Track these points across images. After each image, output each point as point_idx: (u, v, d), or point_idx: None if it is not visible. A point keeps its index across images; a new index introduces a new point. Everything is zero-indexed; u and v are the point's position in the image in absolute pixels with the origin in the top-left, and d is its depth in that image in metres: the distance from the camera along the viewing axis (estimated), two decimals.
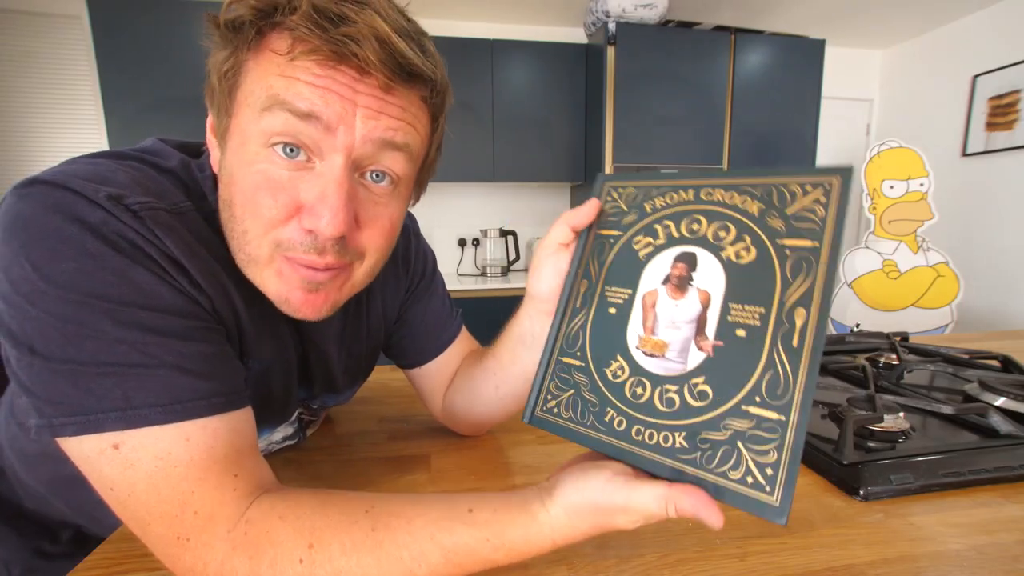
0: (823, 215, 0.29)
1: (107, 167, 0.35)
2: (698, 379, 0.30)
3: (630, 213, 0.37)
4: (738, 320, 0.29)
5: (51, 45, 2.37)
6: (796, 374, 0.27)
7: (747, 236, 0.31)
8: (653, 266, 0.34)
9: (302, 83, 0.33)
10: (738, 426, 0.28)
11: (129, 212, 0.32)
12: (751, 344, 0.28)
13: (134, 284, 0.32)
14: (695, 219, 0.33)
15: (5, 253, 0.31)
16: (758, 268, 0.30)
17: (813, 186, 0.29)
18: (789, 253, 0.29)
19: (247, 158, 0.35)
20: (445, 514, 0.33)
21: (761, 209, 0.31)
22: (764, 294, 0.29)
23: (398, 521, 0.32)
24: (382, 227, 0.39)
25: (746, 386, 0.28)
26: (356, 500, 0.34)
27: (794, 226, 0.29)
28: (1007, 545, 0.40)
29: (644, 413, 0.31)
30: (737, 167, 2.62)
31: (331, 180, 0.34)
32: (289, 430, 0.57)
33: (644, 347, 0.32)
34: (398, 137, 0.36)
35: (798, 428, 0.26)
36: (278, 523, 0.32)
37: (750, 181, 0.32)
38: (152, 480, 0.31)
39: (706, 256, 0.32)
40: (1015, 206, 2.68)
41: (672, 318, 0.32)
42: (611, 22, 2.40)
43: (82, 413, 0.30)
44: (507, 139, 2.65)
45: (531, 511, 0.32)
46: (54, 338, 0.30)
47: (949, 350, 0.86)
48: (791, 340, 0.27)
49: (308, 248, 0.36)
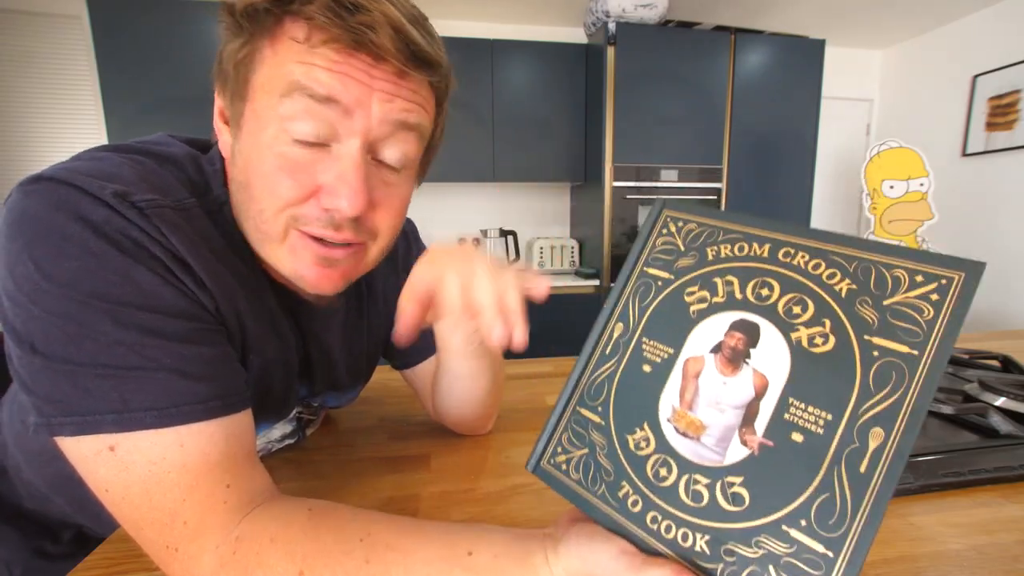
0: (932, 317, 0.23)
1: (113, 162, 0.35)
2: (735, 478, 0.25)
3: (687, 255, 0.31)
4: (797, 421, 0.24)
5: (51, 45, 2.37)
6: (857, 507, 0.22)
7: (827, 320, 0.25)
8: (704, 327, 0.28)
9: (321, 69, 0.34)
10: (774, 548, 0.23)
11: (135, 209, 0.32)
12: (808, 455, 0.24)
13: (136, 284, 0.32)
14: (766, 282, 0.28)
15: (10, 250, 0.31)
16: (834, 363, 0.24)
17: (927, 277, 0.24)
18: (877, 355, 0.24)
19: (266, 141, 0.36)
20: (443, 554, 0.31)
21: (851, 291, 0.25)
22: (836, 398, 0.24)
23: (393, 555, 0.31)
24: (394, 207, 0.41)
25: (793, 504, 0.23)
26: (352, 524, 0.33)
27: (890, 323, 0.24)
28: (1007, 545, 0.40)
29: (665, 500, 0.26)
30: (737, 167, 2.62)
31: (349, 162, 0.36)
32: (288, 428, 0.57)
33: (678, 423, 0.28)
34: (411, 118, 0.38)
35: (847, 571, 0.21)
36: (269, 545, 0.31)
37: (845, 251, 0.26)
38: (145, 485, 0.31)
39: (771, 332, 0.26)
40: (1015, 206, 2.68)
41: (717, 397, 0.27)
42: (611, 22, 2.40)
43: (79, 414, 0.30)
44: (507, 139, 2.65)
45: (533, 565, 0.30)
46: (55, 337, 0.30)
47: None
48: (858, 464, 0.22)
49: (325, 224, 0.37)
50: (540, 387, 0.77)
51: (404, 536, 0.32)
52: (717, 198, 2.63)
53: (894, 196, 2.28)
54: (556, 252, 2.83)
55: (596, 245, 2.64)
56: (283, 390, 0.48)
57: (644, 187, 2.53)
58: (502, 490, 0.50)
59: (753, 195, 2.68)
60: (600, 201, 2.54)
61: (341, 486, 0.51)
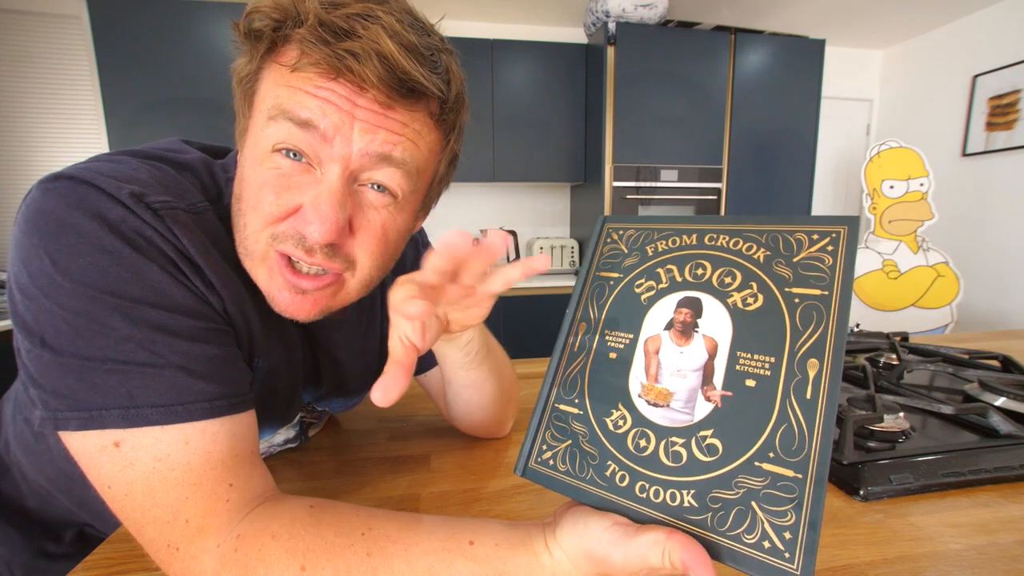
0: (831, 263, 0.28)
1: (130, 165, 0.36)
2: (706, 432, 0.28)
3: (631, 255, 0.35)
4: (747, 370, 0.28)
5: (51, 45, 2.37)
6: (812, 429, 0.25)
7: (754, 283, 0.30)
8: (656, 311, 0.32)
9: (303, 93, 0.34)
10: (752, 484, 0.26)
11: (150, 210, 0.33)
12: (762, 395, 0.27)
13: (147, 282, 0.32)
14: (699, 264, 0.32)
15: (27, 245, 0.31)
16: (766, 316, 0.29)
17: (820, 235, 0.29)
18: (798, 301, 0.28)
19: (258, 158, 0.36)
20: (445, 544, 0.32)
21: (767, 256, 0.30)
22: (774, 343, 0.28)
23: (395, 547, 0.31)
24: (375, 234, 0.39)
25: (758, 441, 0.26)
26: (353, 519, 0.33)
27: (802, 274, 0.29)
28: (1007, 545, 0.40)
29: (648, 467, 0.29)
30: (737, 167, 2.62)
31: (325, 189, 0.35)
32: (291, 433, 0.57)
33: (647, 396, 0.30)
34: (396, 152, 0.36)
35: (816, 487, 0.24)
36: (270, 542, 0.31)
37: (755, 228, 0.31)
38: (149, 482, 0.31)
39: (712, 302, 0.30)
40: (1015, 206, 2.68)
41: (677, 366, 0.30)
42: (611, 22, 2.40)
43: (86, 408, 0.31)
44: (507, 139, 2.65)
45: (534, 550, 0.31)
46: (65, 332, 0.31)
47: (949, 350, 0.86)
48: (804, 392, 0.26)
49: (296, 244, 0.36)
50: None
51: (405, 529, 0.33)
52: (717, 198, 2.63)
53: (894, 196, 2.29)
54: (556, 252, 2.83)
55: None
56: (288, 396, 0.49)
57: (644, 187, 2.53)
58: (502, 490, 0.50)
59: (753, 195, 2.68)
60: (600, 201, 2.55)
61: (341, 486, 0.51)
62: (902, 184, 2.28)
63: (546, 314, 2.51)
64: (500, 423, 0.59)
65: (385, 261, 0.41)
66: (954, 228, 2.90)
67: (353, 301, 0.43)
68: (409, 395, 0.74)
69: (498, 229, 0.28)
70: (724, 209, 2.65)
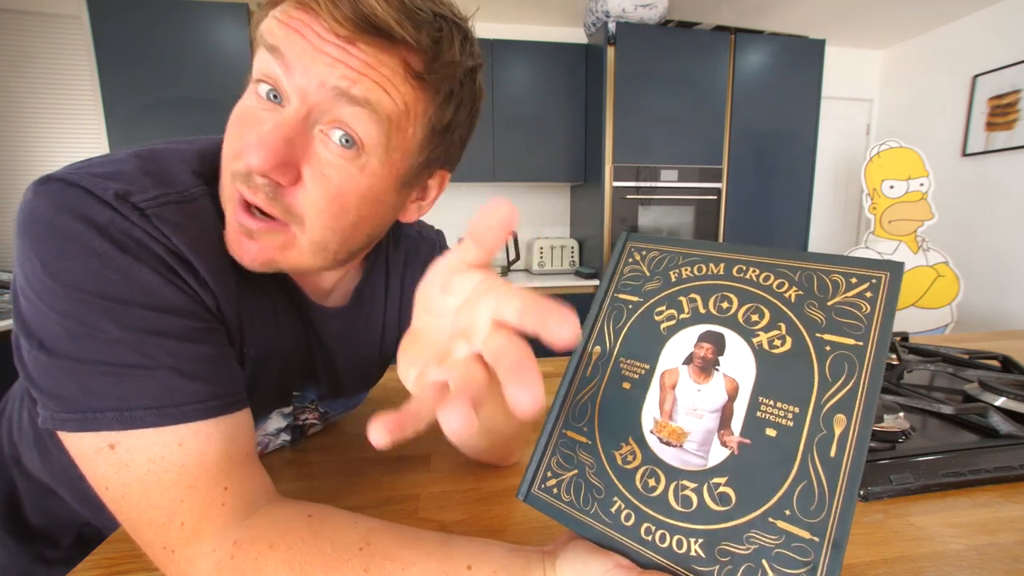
0: (869, 312, 0.26)
1: (120, 160, 0.36)
2: (720, 479, 0.26)
3: (652, 279, 0.33)
4: (768, 418, 0.26)
5: (51, 45, 2.37)
6: (833, 489, 0.24)
7: (782, 324, 0.28)
8: (675, 342, 0.30)
9: (276, 22, 0.34)
10: (764, 541, 0.24)
11: (137, 210, 0.33)
12: (782, 447, 0.25)
13: (137, 283, 0.32)
14: (725, 296, 0.30)
15: (21, 248, 0.32)
16: (793, 361, 0.27)
17: (860, 279, 0.27)
18: (829, 350, 0.26)
19: (243, 97, 0.37)
20: (442, 567, 0.31)
21: (799, 296, 0.28)
22: (800, 392, 0.26)
23: (392, 566, 0.31)
24: (327, 192, 0.36)
25: (775, 496, 0.25)
26: (352, 532, 0.33)
27: (836, 320, 0.27)
28: (1007, 545, 0.40)
29: (656, 509, 0.27)
30: (737, 167, 2.62)
31: (277, 118, 0.34)
32: (283, 422, 0.56)
33: (660, 433, 0.29)
34: (356, 90, 0.33)
35: (834, 553, 0.23)
36: (267, 551, 0.31)
37: (788, 263, 0.29)
38: (144, 484, 0.31)
39: (735, 339, 0.29)
40: (1015, 206, 2.68)
41: (694, 404, 0.28)
42: (611, 22, 2.40)
43: (82, 411, 0.31)
44: (507, 139, 2.65)
45: None
46: (59, 334, 0.31)
47: (949, 350, 0.86)
48: (828, 450, 0.24)
49: (245, 180, 0.35)
50: None
51: (404, 547, 0.32)
52: (717, 198, 2.63)
53: (894, 196, 2.29)
54: (556, 252, 2.83)
55: (596, 245, 2.64)
56: (279, 381, 0.48)
57: (644, 187, 2.53)
58: (502, 490, 0.50)
59: (753, 195, 2.68)
60: (600, 201, 2.54)
61: (340, 486, 0.51)
62: (902, 184, 2.28)
63: None
64: (506, 455, 0.54)
65: (343, 226, 0.38)
66: (954, 228, 2.90)
67: (310, 266, 0.40)
68: (409, 396, 0.74)
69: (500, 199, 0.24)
70: (724, 209, 2.65)
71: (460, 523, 0.45)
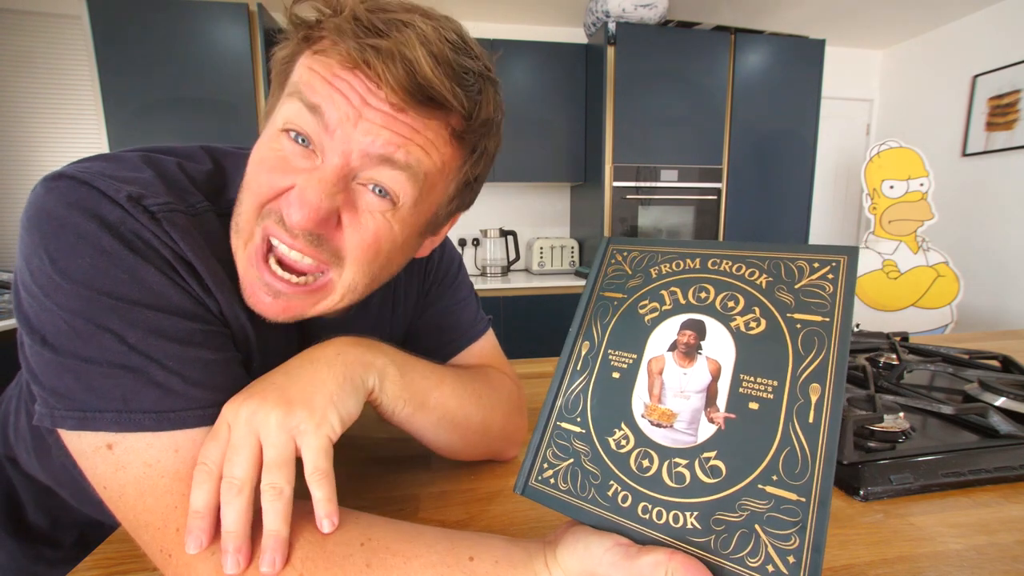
0: (832, 291, 0.29)
1: (132, 165, 0.36)
2: (710, 453, 0.28)
3: (635, 277, 0.36)
4: (750, 393, 0.28)
5: (51, 45, 2.37)
6: (815, 452, 0.26)
7: (756, 308, 0.30)
8: (660, 332, 0.33)
9: (320, 78, 0.34)
10: (755, 507, 0.26)
11: (147, 213, 0.33)
12: (765, 419, 0.27)
13: (145, 284, 0.32)
14: (703, 287, 0.33)
15: (29, 243, 0.32)
16: (769, 340, 0.29)
17: (821, 263, 0.30)
18: (800, 327, 0.29)
19: (269, 136, 0.36)
20: (444, 559, 0.31)
21: (769, 282, 0.31)
22: (776, 367, 0.28)
23: (394, 560, 0.31)
24: (364, 238, 0.37)
25: (762, 463, 0.27)
26: (352, 528, 0.33)
27: (803, 301, 0.29)
28: (1007, 545, 0.40)
29: (651, 488, 0.29)
30: (737, 167, 2.62)
31: (317, 175, 0.34)
32: None
33: (651, 416, 0.31)
34: (399, 155, 0.35)
35: (820, 510, 0.24)
36: None
37: (756, 254, 0.32)
38: (140, 487, 0.31)
39: (715, 325, 0.31)
40: (1015, 206, 2.68)
41: (680, 387, 0.30)
42: (611, 22, 2.40)
43: (81, 409, 0.31)
44: (507, 139, 2.61)
45: (534, 570, 0.30)
46: (64, 331, 0.31)
47: (949, 350, 0.86)
48: (807, 416, 0.26)
49: (279, 223, 0.35)
50: (541, 387, 0.78)
51: (405, 541, 0.32)
52: (717, 198, 2.63)
53: (894, 196, 2.29)
54: (556, 252, 2.84)
55: (596, 245, 2.64)
56: None
57: (644, 187, 2.53)
58: (502, 490, 0.50)
59: (753, 195, 2.68)
60: (600, 201, 2.55)
61: (340, 486, 0.51)
62: (902, 184, 2.28)
63: (546, 314, 2.51)
64: (501, 449, 0.54)
65: (374, 271, 0.39)
66: (954, 228, 2.90)
67: (336, 309, 0.41)
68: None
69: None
70: (724, 209, 2.65)
71: (460, 523, 0.45)
